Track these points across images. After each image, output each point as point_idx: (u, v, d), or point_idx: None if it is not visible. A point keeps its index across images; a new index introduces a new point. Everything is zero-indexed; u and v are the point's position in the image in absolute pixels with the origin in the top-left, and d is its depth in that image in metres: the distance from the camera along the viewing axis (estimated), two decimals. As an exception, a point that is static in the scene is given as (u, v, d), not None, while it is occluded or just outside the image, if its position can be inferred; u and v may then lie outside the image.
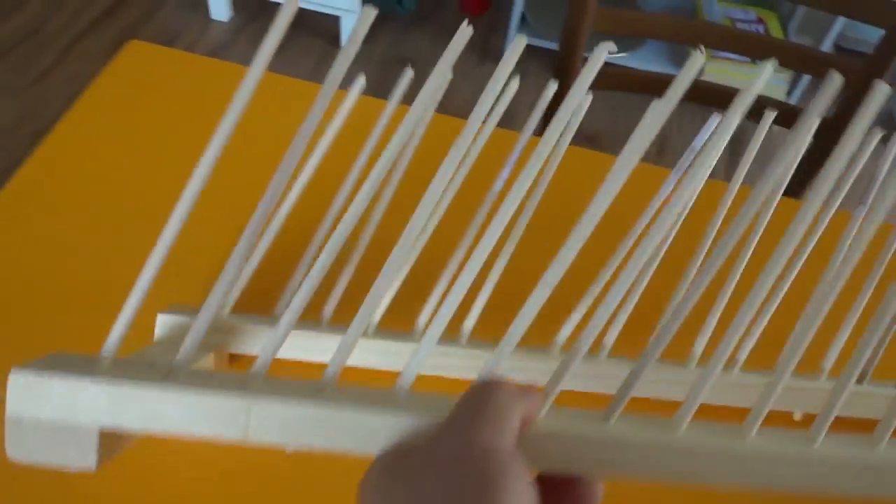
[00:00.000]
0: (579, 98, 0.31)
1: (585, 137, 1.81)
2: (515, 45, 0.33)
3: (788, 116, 0.90)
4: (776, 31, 1.88)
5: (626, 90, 0.98)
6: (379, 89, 1.51)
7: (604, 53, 0.30)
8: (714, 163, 0.35)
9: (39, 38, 1.80)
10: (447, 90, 0.41)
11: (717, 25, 0.95)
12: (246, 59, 0.71)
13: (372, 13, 0.30)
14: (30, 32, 1.80)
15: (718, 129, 0.32)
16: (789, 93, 1.88)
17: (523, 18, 1.82)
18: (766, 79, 0.28)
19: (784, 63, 0.91)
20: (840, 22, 1.67)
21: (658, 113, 0.28)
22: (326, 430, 0.29)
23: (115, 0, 1.93)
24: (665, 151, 1.85)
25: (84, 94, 0.64)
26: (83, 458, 0.29)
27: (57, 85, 1.70)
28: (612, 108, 1.90)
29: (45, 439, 0.28)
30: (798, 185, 0.96)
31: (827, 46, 1.74)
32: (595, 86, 0.41)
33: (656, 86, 0.97)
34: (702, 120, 1.96)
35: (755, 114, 0.46)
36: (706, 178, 0.39)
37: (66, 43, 1.80)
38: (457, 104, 1.74)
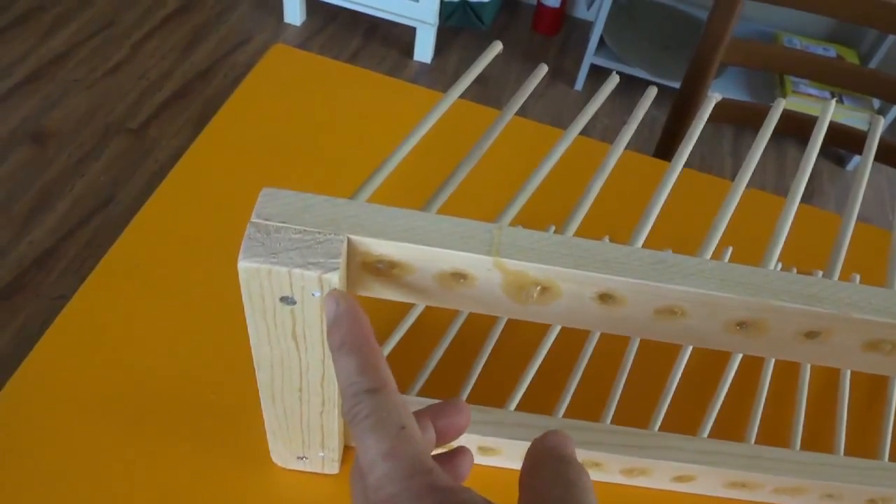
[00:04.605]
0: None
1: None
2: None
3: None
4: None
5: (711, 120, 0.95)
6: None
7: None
8: None
9: (111, 32, 1.79)
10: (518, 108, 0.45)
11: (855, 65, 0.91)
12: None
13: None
14: (101, 27, 1.80)
15: None
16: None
17: (601, 41, 1.79)
18: None
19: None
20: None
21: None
22: None
23: (189, -1, 1.93)
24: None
25: (233, 95, 0.62)
26: None
27: (128, 79, 1.69)
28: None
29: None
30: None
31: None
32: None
33: (743, 115, 0.94)
34: (776, 150, 1.91)
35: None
36: None
37: (138, 38, 1.79)
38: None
